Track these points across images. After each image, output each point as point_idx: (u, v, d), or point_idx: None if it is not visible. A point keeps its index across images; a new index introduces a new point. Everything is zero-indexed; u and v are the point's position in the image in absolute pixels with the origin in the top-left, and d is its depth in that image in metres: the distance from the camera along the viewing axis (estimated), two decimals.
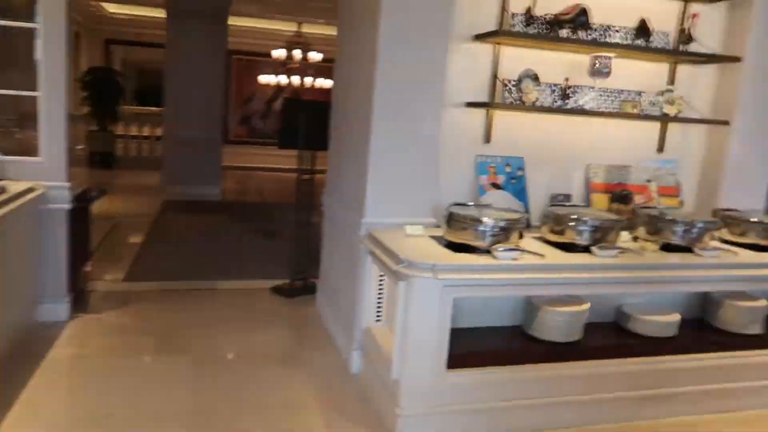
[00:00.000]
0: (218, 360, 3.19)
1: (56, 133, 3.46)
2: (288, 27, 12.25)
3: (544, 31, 3.18)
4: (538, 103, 3.16)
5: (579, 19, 3.18)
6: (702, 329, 2.94)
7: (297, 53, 11.84)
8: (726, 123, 3.40)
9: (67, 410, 2.63)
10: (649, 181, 3.47)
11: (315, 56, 11.95)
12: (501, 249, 2.48)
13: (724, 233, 3.10)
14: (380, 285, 2.94)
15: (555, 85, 3.28)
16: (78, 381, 2.89)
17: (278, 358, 3.25)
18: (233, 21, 9.44)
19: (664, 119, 3.38)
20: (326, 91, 13.34)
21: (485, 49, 3.20)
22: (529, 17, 3.16)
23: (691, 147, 3.61)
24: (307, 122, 4.15)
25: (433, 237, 2.80)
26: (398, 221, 2.98)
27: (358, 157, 3.12)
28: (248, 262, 5.22)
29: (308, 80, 12.41)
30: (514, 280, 2.44)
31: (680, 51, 3.33)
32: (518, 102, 3.16)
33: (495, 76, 3.22)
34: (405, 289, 2.40)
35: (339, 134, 3.75)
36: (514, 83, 3.20)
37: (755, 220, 3.07)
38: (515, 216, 2.64)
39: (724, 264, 2.73)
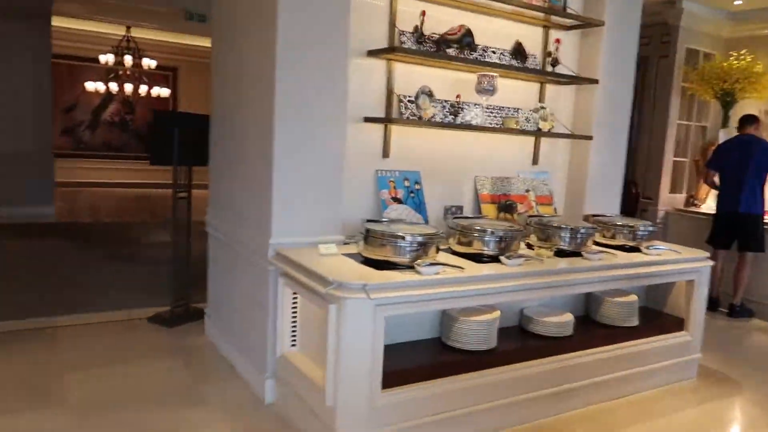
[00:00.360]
0: (106, 407, 2.80)
1: None
2: (116, 31, 11.26)
3: (432, 49, 3.29)
4: (434, 119, 3.27)
5: (465, 39, 3.35)
6: (589, 325, 3.24)
7: (128, 59, 10.99)
8: (590, 138, 3.81)
9: None
10: (527, 191, 3.76)
11: (149, 63, 11.17)
12: (424, 264, 2.51)
13: (597, 237, 3.46)
14: (294, 308, 2.81)
15: (445, 101, 3.41)
16: None
17: (179, 396, 2.95)
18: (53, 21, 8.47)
19: (540, 134, 3.69)
20: (164, 101, 12.55)
21: (378, 65, 3.23)
22: (420, 36, 3.25)
23: (558, 159, 3.99)
24: (182, 136, 3.84)
25: (347, 255, 2.75)
26: (306, 240, 2.89)
27: (259, 175, 2.96)
28: (112, 291, 4.67)
29: (143, 88, 11.55)
30: (439, 294, 2.48)
31: (552, 72, 3.66)
32: (416, 117, 3.24)
33: (390, 92, 3.26)
34: (336, 311, 2.32)
35: (224, 149, 3.52)
36: (410, 99, 3.27)
37: (621, 223, 3.47)
38: (432, 231, 2.69)
39: (608, 265, 3.04)
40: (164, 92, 12.07)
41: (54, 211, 7.72)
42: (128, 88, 11.40)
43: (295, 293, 2.76)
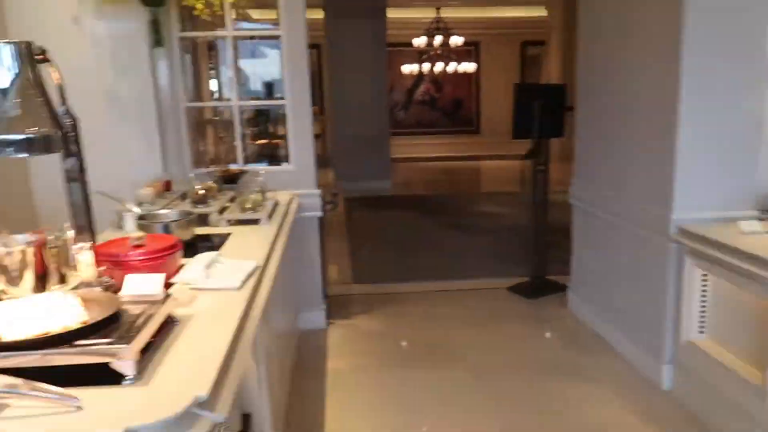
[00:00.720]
0: (496, 371, 2.95)
1: (304, 139, 3.40)
2: (425, 14, 11.94)
3: None
4: None
5: None
6: None
7: (438, 39, 11.57)
8: None
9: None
10: None
11: (456, 40, 11.58)
12: None
13: None
14: (703, 291, 2.53)
15: None
16: (372, 398, 2.75)
17: (561, 368, 2.96)
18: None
19: None
20: (467, 76, 13.00)
21: None
22: None
23: None
24: (541, 109, 3.80)
25: None
26: (712, 216, 2.56)
27: (654, 145, 2.72)
28: (465, 259, 4.96)
29: (451, 66, 12.09)
30: None
31: None
32: None
33: None
34: None
35: (596, 120, 3.35)
36: None
37: None
38: None
39: None
40: (470, 67, 12.46)
41: (390, 184, 8.63)
42: (437, 67, 12.09)
43: (704, 274, 2.48)
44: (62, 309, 1.26)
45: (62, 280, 1.75)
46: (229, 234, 2.36)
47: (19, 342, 1.15)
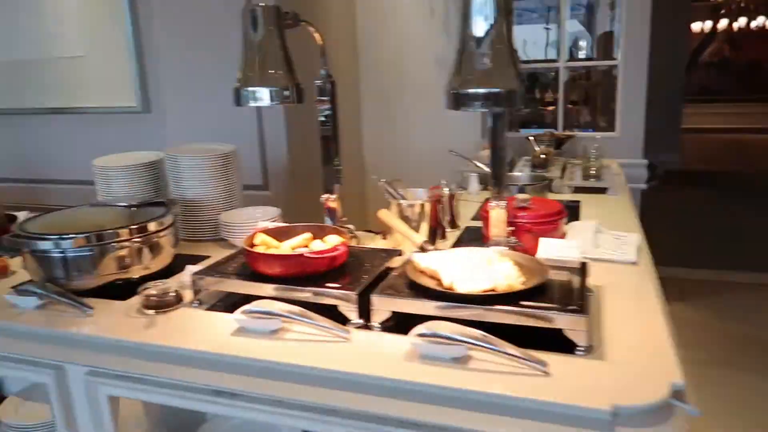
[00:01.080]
0: None
1: (636, 105, 3.11)
2: None
3: None
4: None
5: None
6: None
7: None
8: None
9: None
10: None
11: None
12: None
13: None
14: None
15: None
16: (703, 396, 2.46)
17: None
18: None
19: None
20: None
21: None
22: None
23: None
24: None
25: None
26: None
27: None
28: None
29: (757, 21, 10.22)
30: None
31: None
32: None
33: None
34: None
35: None
36: None
37: None
38: None
39: None
40: None
41: (678, 158, 7.69)
42: (737, 23, 10.34)
43: None
44: (497, 268, 1.25)
45: (443, 235, 1.82)
46: (577, 201, 2.23)
47: (469, 295, 1.17)
